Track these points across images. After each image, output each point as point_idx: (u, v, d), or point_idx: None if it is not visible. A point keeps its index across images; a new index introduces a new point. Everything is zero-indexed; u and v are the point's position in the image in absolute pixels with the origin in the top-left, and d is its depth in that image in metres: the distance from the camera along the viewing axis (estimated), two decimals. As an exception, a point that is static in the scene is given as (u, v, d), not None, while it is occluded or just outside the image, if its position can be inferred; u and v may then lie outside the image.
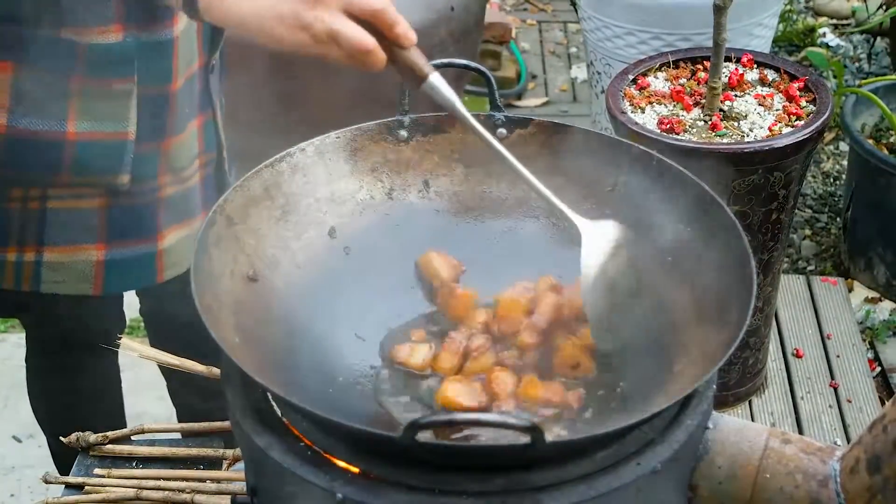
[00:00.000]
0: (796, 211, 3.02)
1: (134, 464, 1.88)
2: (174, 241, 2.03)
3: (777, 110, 2.60)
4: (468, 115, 1.44)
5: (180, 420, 2.59)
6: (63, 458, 2.35)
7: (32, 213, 1.93)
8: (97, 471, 1.85)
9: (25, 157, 1.87)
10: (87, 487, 1.85)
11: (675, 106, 2.63)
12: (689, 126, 2.56)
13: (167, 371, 2.46)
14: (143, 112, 1.90)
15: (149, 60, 1.87)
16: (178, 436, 1.98)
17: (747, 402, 2.91)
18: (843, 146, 3.98)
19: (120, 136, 1.89)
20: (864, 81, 3.73)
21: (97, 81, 1.85)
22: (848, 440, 2.83)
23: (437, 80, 1.44)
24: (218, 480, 1.84)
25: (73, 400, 2.38)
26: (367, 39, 1.40)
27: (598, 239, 1.47)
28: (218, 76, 2.11)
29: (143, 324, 3.06)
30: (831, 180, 3.91)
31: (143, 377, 2.54)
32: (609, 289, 1.46)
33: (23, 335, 3.13)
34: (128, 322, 2.50)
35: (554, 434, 1.38)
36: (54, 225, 1.94)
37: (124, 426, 2.44)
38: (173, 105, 1.94)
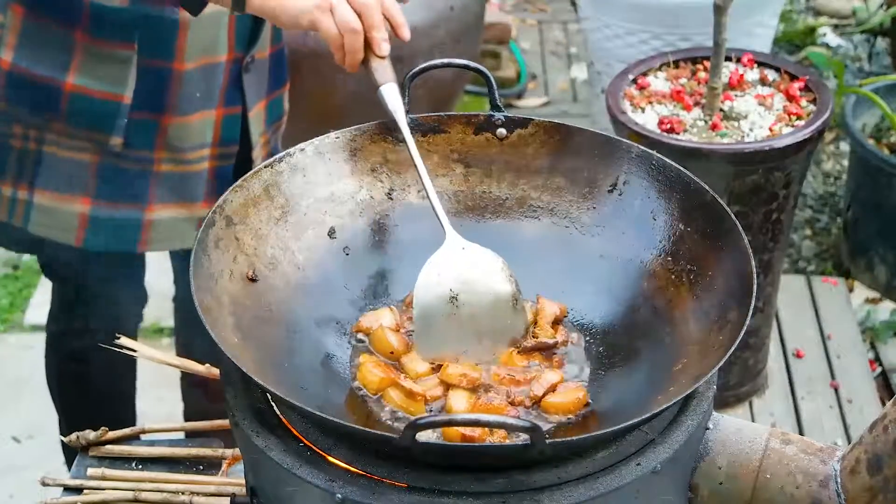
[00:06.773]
0: (796, 211, 3.02)
1: (133, 464, 1.88)
2: (165, 217, 2.09)
3: (777, 110, 2.60)
4: (407, 129, 1.56)
5: (187, 418, 2.60)
6: (71, 450, 2.36)
7: (30, 152, 2.03)
8: (95, 472, 1.84)
9: (24, 96, 1.99)
10: (85, 490, 1.84)
11: (675, 106, 2.63)
12: (690, 126, 2.56)
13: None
14: (142, 81, 1.98)
15: (151, 33, 1.95)
16: (179, 435, 1.98)
17: (748, 403, 2.91)
18: (844, 146, 3.98)
19: (115, 98, 1.98)
20: (864, 81, 3.72)
21: (99, 42, 1.94)
22: (849, 440, 2.83)
23: (388, 90, 1.58)
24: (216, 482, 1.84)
25: (88, 386, 2.40)
26: (357, 21, 1.56)
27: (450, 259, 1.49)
28: (262, 78, 2.14)
29: (158, 325, 3.09)
30: (832, 180, 3.91)
31: (143, 377, 2.54)
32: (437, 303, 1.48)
33: (23, 336, 3.15)
34: (147, 322, 2.47)
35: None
36: (47, 168, 2.03)
37: (134, 417, 2.45)
38: (177, 84, 2.00)
